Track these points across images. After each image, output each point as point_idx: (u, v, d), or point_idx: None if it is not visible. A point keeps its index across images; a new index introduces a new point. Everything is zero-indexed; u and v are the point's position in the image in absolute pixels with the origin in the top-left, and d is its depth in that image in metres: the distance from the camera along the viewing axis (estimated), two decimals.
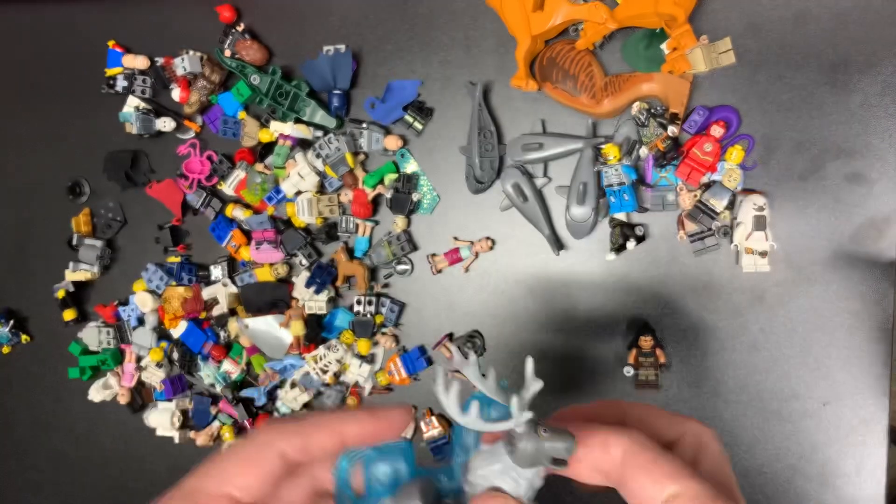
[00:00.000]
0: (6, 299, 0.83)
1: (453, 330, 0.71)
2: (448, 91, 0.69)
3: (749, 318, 0.65)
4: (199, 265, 0.77)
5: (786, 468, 0.65)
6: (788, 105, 0.63)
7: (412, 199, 0.69)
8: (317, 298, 0.71)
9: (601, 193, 0.65)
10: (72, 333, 0.81)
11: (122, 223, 0.79)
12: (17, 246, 0.83)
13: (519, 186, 0.66)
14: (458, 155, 0.69)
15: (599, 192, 0.65)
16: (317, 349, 0.71)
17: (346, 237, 0.73)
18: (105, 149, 0.78)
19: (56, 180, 0.81)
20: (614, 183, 0.63)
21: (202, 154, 0.73)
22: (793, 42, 0.62)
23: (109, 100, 0.77)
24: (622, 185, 0.63)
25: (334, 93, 0.70)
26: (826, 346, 0.64)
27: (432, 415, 0.71)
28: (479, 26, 0.68)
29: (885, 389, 0.63)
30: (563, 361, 0.68)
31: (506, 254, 0.69)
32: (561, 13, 0.62)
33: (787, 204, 0.63)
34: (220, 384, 0.75)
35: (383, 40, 0.71)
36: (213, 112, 0.74)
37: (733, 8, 0.63)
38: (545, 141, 0.66)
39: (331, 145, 0.68)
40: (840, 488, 0.64)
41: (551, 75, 0.65)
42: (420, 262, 0.71)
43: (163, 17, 0.76)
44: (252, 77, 0.70)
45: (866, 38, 0.61)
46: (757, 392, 0.65)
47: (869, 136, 0.61)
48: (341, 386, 0.73)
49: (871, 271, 0.62)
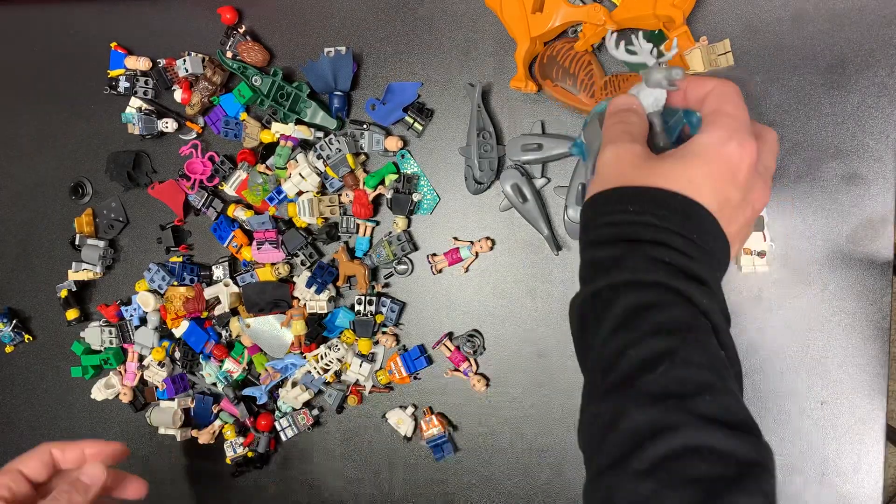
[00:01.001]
0: (9, 299, 0.84)
1: (453, 329, 0.71)
2: (448, 92, 0.70)
3: (747, 317, 0.65)
4: (201, 265, 0.77)
5: (783, 467, 0.65)
6: (785, 106, 0.63)
7: (412, 200, 0.69)
8: (318, 298, 0.71)
9: None
10: (74, 333, 0.81)
11: (125, 223, 0.79)
12: (21, 246, 0.83)
13: (518, 187, 0.67)
14: (458, 156, 0.70)
15: None
16: (318, 348, 0.72)
17: (347, 237, 0.73)
18: (107, 149, 0.79)
19: (59, 181, 0.81)
20: None
21: (204, 155, 0.74)
22: (790, 43, 0.63)
23: (112, 101, 0.78)
24: None
25: (335, 94, 0.70)
26: (823, 346, 0.64)
27: (432, 413, 0.71)
28: (479, 28, 0.69)
29: (883, 388, 0.63)
30: (563, 361, 0.69)
31: (506, 254, 0.70)
32: (560, 15, 0.62)
33: (784, 204, 0.64)
34: (222, 383, 0.75)
35: (384, 42, 0.71)
36: (214, 113, 0.74)
37: (731, 10, 0.63)
38: (544, 142, 0.66)
39: (332, 146, 0.69)
40: (837, 487, 0.64)
41: (551, 73, 0.65)
42: (420, 262, 0.72)
43: (165, 19, 0.77)
44: (253, 78, 0.70)
45: (862, 40, 0.61)
46: (755, 391, 0.65)
47: (865, 136, 0.62)
48: (342, 385, 0.73)
49: (867, 271, 0.63)
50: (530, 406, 0.70)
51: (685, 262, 0.39)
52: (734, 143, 0.41)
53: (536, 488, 0.70)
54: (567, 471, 0.69)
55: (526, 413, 0.70)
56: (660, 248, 0.40)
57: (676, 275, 0.39)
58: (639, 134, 0.45)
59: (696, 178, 0.40)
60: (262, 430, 0.75)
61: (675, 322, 0.38)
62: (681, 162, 0.41)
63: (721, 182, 0.41)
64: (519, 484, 0.71)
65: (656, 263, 0.39)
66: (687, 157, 0.41)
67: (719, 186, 0.41)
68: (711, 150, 0.41)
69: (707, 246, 0.40)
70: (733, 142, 0.41)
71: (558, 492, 0.70)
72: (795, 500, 0.65)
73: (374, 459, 0.75)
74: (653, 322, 0.38)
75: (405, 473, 0.74)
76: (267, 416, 0.75)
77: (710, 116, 0.42)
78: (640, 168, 0.42)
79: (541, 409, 0.70)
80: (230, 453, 0.76)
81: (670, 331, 0.37)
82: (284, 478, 0.77)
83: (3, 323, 0.82)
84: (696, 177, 0.40)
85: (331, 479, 0.76)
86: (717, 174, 0.41)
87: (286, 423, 0.74)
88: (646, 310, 0.38)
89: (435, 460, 0.71)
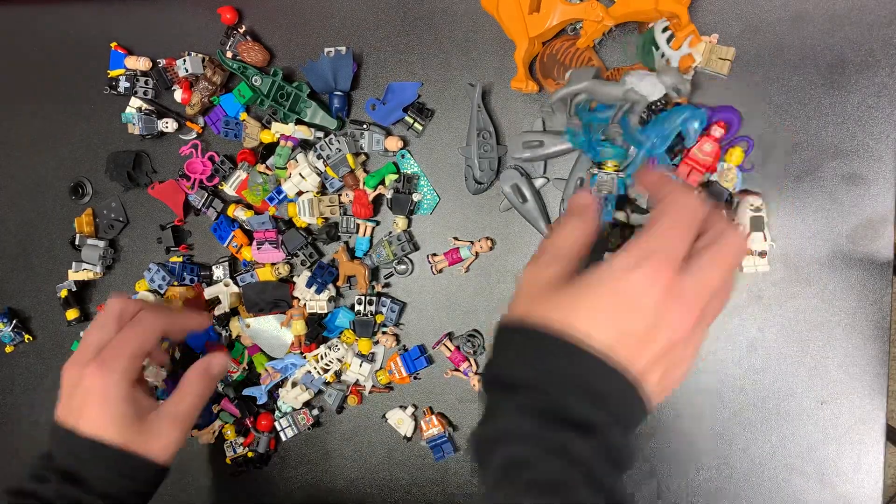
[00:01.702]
0: (9, 299, 0.84)
1: (453, 329, 0.71)
2: (448, 92, 0.70)
3: (747, 317, 0.65)
4: (201, 265, 0.77)
5: (783, 467, 0.65)
6: (785, 106, 0.63)
7: (412, 200, 0.69)
8: (318, 298, 0.71)
9: None
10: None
11: (125, 223, 0.79)
12: (20, 246, 0.83)
13: (518, 187, 0.67)
14: (458, 155, 0.70)
15: None
16: (318, 348, 0.72)
17: (347, 237, 0.73)
18: (107, 150, 0.79)
19: (59, 181, 0.81)
20: (603, 190, 0.64)
21: (204, 155, 0.74)
22: (790, 43, 0.63)
23: (112, 101, 0.78)
24: (609, 194, 0.64)
25: (335, 94, 0.70)
26: (823, 345, 0.64)
27: (432, 413, 0.71)
28: (479, 28, 0.69)
29: (883, 388, 0.63)
30: None
31: (506, 254, 0.70)
32: (557, 13, 0.62)
33: (784, 204, 0.64)
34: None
35: (384, 42, 0.71)
36: (214, 113, 0.74)
37: (731, 10, 0.63)
38: (545, 139, 0.66)
39: (332, 146, 0.69)
40: (837, 487, 0.64)
41: (552, 72, 0.65)
42: (420, 262, 0.72)
43: (165, 18, 0.77)
44: (253, 78, 0.70)
45: (863, 40, 0.61)
46: (754, 391, 0.66)
47: (865, 137, 0.62)
48: (342, 385, 0.73)
49: (868, 271, 0.63)
50: None
51: (562, 408, 0.38)
52: (642, 270, 0.38)
53: None
54: None
55: None
56: (536, 395, 0.39)
57: (551, 424, 0.38)
58: (569, 248, 0.44)
59: (592, 311, 0.39)
60: (262, 430, 0.75)
61: (547, 479, 0.37)
62: (578, 293, 0.40)
63: (619, 313, 0.38)
64: None
65: (533, 412, 0.39)
66: (585, 287, 0.40)
67: (617, 318, 0.38)
68: (613, 278, 0.39)
69: (595, 387, 0.38)
70: (641, 268, 0.38)
71: None
72: (795, 500, 0.65)
73: (374, 460, 0.75)
74: (527, 480, 0.37)
75: (405, 473, 0.74)
76: (267, 416, 0.75)
77: (639, 234, 0.40)
78: (539, 299, 0.41)
79: None
80: (230, 453, 0.76)
81: (542, 490, 0.37)
82: (284, 478, 0.77)
83: (3, 323, 0.82)
84: (591, 308, 0.39)
85: (331, 479, 0.76)
86: (614, 305, 0.38)
87: (286, 423, 0.74)
88: (519, 467, 0.38)
89: (435, 460, 0.71)
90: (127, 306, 0.60)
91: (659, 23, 0.62)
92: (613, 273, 0.39)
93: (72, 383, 0.57)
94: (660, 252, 0.39)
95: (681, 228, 0.40)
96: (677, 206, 0.41)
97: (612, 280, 0.39)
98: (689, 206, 0.41)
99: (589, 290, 0.39)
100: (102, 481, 0.54)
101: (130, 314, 0.60)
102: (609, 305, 0.39)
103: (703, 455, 0.67)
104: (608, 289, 0.39)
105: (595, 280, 0.39)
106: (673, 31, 0.61)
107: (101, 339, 0.58)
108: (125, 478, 0.55)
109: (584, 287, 0.40)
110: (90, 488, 0.54)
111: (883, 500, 0.64)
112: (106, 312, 0.60)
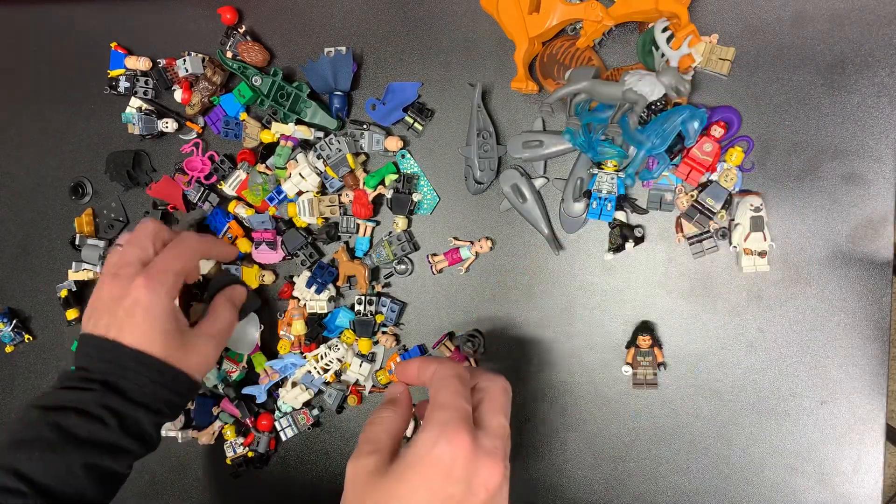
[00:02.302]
0: (9, 299, 0.84)
1: (453, 330, 0.71)
2: (448, 93, 0.70)
3: (747, 317, 0.65)
4: None
5: (783, 467, 0.65)
6: (785, 106, 0.63)
7: (412, 200, 0.69)
8: (318, 298, 0.71)
9: (589, 194, 0.65)
10: (74, 333, 0.81)
11: (125, 223, 0.79)
12: (20, 246, 0.83)
13: (518, 187, 0.67)
14: (458, 155, 0.70)
15: None
16: (318, 348, 0.72)
17: (347, 237, 0.73)
18: (107, 149, 0.79)
19: (59, 181, 0.81)
20: (603, 190, 0.64)
21: (204, 154, 0.74)
22: (790, 43, 0.63)
23: (112, 101, 0.78)
24: (610, 195, 0.64)
25: (335, 94, 0.70)
26: (823, 345, 0.64)
27: None
28: (479, 28, 0.69)
29: (882, 388, 0.63)
30: (562, 361, 0.69)
31: (506, 254, 0.70)
32: (557, 14, 0.62)
33: (784, 204, 0.64)
34: (221, 385, 0.75)
35: (384, 42, 0.71)
36: (214, 113, 0.74)
37: (731, 10, 0.63)
38: (545, 138, 0.66)
39: (332, 146, 0.69)
40: (837, 486, 0.64)
41: (552, 72, 0.65)
42: (420, 262, 0.72)
43: (165, 18, 0.77)
44: (253, 78, 0.70)
45: (863, 40, 0.61)
46: (754, 391, 0.66)
47: (865, 136, 0.62)
48: (342, 385, 0.73)
49: (867, 271, 0.63)
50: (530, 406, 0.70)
51: None
52: (443, 441, 0.42)
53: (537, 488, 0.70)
54: (566, 470, 0.69)
55: (526, 413, 0.70)
56: None
57: None
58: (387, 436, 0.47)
59: (413, 490, 0.42)
60: (262, 430, 0.75)
61: None
62: (400, 476, 0.43)
63: (436, 485, 0.42)
64: (518, 483, 0.71)
65: None
66: (405, 468, 0.43)
67: (436, 490, 0.42)
68: (423, 456, 0.42)
69: None
70: (442, 440, 0.42)
71: (557, 491, 0.70)
72: (795, 499, 0.65)
73: None
74: None
75: None
76: (267, 416, 0.75)
77: (429, 411, 0.45)
78: (366, 490, 0.44)
79: (546, 407, 0.70)
80: (230, 453, 0.76)
81: None
82: (284, 478, 0.77)
83: (3, 323, 0.82)
84: (412, 487, 0.42)
85: (331, 479, 0.76)
86: (431, 480, 0.42)
87: (286, 423, 0.74)
88: None
89: None
90: (161, 229, 0.62)
91: (659, 23, 0.62)
92: (421, 451, 0.43)
93: (113, 296, 0.57)
94: (451, 420, 0.43)
95: (457, 394, 0.46)
96: (446, 379, 0.47)
97: (423, 458, 0.42)
98: (454, 373, 0.47)
99: (407, 470, 0.43)
100: (144, 392, 0.56)
101: (164, 237, 0.61)
102: (426, 481, 0.42)
103: (704, 455, 0.67)
104: (423, 466, 0.42)
105: (411, 460, 0.43)
106: (673, 31, 0.61)
107: (142, 256, 0.59)
108: (166, 388, 0.57)
109: (404, 469, 0.43)
110: (130, 398, 0.55)
111: (882, 499, 0.64)
112: (142, 232, 0.61)
